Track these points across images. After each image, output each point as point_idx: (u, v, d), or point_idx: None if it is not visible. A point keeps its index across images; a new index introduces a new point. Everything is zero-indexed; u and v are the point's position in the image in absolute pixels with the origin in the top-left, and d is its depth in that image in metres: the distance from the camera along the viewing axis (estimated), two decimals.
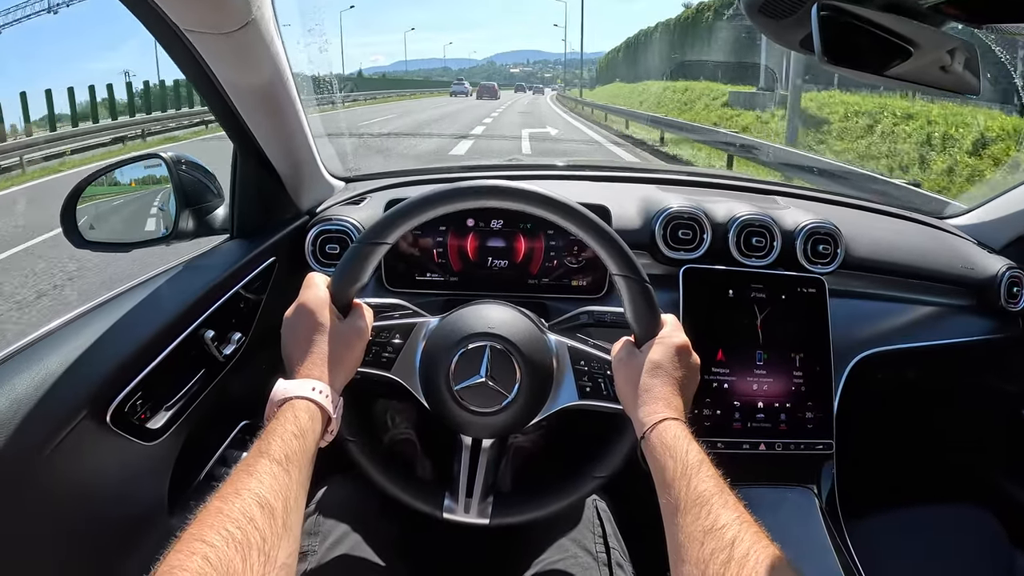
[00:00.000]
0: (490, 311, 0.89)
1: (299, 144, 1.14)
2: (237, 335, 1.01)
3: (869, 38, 0.70)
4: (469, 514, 0.89)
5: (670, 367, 0.78)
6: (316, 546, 0.91)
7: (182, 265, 1.02)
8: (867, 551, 1.12)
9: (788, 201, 1.40)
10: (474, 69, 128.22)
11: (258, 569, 0.52)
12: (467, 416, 0.85)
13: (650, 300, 0.82)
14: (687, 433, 0.71)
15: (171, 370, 0.89)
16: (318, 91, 1.94)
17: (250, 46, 0.87)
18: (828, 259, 1.23)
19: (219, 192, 1.14)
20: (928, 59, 0.71)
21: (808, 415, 1.16)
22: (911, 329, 1.33)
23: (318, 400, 0.72)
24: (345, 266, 0.81)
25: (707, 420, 1.13)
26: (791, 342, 1.17)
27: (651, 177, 1.49)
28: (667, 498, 0.66)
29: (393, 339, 0.88)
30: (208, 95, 0.94)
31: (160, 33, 0.81)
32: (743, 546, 0.56)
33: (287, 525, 0.58)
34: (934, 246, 1.41)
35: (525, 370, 0.84)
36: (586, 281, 1.22)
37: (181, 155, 1.09)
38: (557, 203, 0.82)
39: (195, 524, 0.54)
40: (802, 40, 0.78)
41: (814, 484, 1.16)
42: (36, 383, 0.72)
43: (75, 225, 1.03)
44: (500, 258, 1.21)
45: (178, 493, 0.92)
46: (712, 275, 1.18)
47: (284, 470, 0.62)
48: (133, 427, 0.82)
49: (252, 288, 1.07)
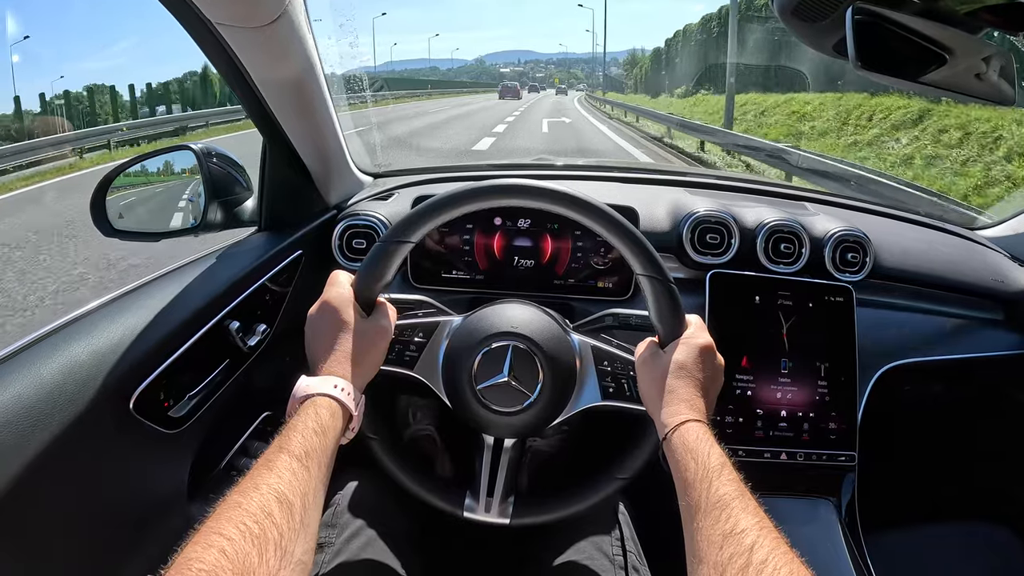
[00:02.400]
0: (513, 310, 0.89)
1: (328, 139, 1.14)
2: (262, 327, 1.02)
3: (904, 44, 0.68)
4: (489, 513, 0.89)
5: (694, 368, 0.77)
6: (334, 538, 0.92)
7: (210, 256, 1.03)
8: (886, 567, 1.10)
9: (817, 207, 1.38)
10: (461, 69, 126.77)
11: (274, 564, 0.52)
12: (489, 415, 0.85)
13: (674, 300, 0.81)
14: (709, 435, 0.70)
15: (196, 360, 0.90)
16: (349, 88, 1.95)
17: (281, 40, 0.87)
18: (856, 267, 1.21)
19: (248, 185, 1.15)
20: (963, 66, 0.70)
21: (831, 426, 1.14)
22: (939, 341, 1.30)
23: (340, 398, 0.72)
24: (370, 264, 0.81)
25: (729, 427, 1.12)
26: (817, 351, 1.15)
27: (679, 180, 1.48)
28: (687, 500, 0.65)
29: (416, 337, 0.88)
30: (239, 89, 0.95)
31: (192, 27, 0.82)
32: (762, 552, 0.55)
33: (304, 522, 0.58)
34: (964, 257, 1.38)
35: (548, 370, 0.84)
36: (612, 283, 1.21)
37: (211, 147, 1.10)
38: (583, 203, 0.81)
39: (213, 517, 0.54)
40: (835, 44, 0.77)
41: (834, 496, 1.15)
42: (62, 369, 0.73)
43: (104, 214, 1.04)
44: (526, 258, 1.21)
45: (198, 482, 0.93)
46: (739, 281, 1.17)
47: (304, 467, 0.63)
48: (156, 415, 0.83)
49: (278, 281, 1.07)
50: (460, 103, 34.88)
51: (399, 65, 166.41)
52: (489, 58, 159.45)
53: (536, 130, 16.98)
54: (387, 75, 47.86)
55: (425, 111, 25.17)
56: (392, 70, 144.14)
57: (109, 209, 1.05)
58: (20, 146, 12.40)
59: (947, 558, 1.36)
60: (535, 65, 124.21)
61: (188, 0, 0.75)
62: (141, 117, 19.72)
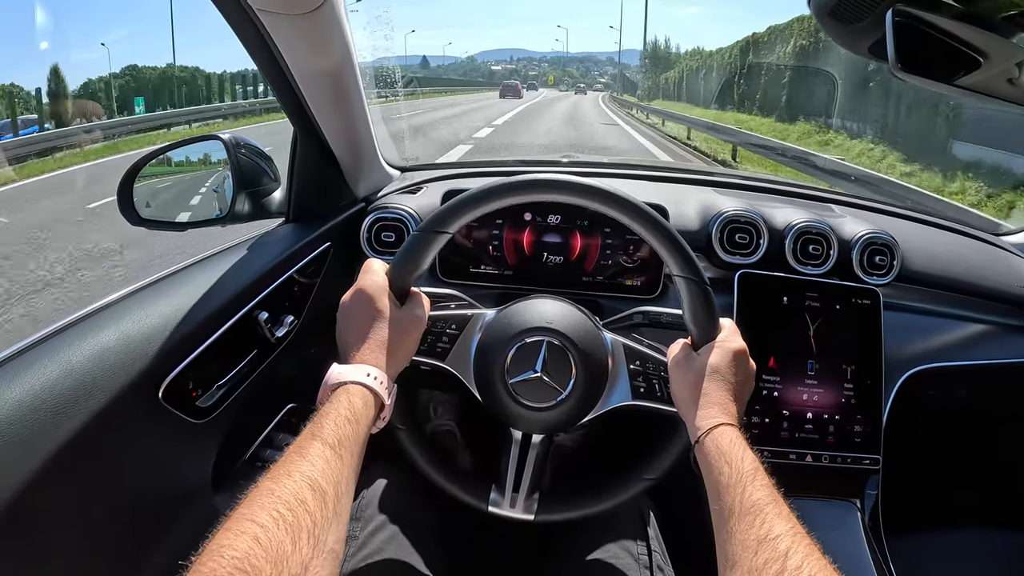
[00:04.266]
0: (548, 306, 0.88)
1: (360, 131, 1.14)
2: (290, 318, 1.02)
3: (940, 47, 0.68)
4: (515, 509, 0.89)
5: (727, 372, 0.77)
6: (358, 531, 0.92)
7: (240, 246, 1.03)
8: (907, 571, 1.09)
9: (844, 210, 1.37)
10: (452, 66, 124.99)
11: (307, 552, 0.51)
12: (519, 410, 0.84)
13: (710, 303, 0.80)
14: (742, 440, 0.70)
15: (224, 350, 0.90)
16: (380, 81, 1.94)
17: (320, 29, 0.87)
18: (884, 270, 1.20)
19: (275, 176, 1.15)
20: (997, 70, 0.70)
21: (856, 428, 1.13)
22: (964, 346, 1.30)
23: (373, 386, 0.72)
24: (405, 253, 0.81)
25: (755, 427, 1.12)
26: (843, 353, 1.15)
27: (707, 179, 1.48)
28: (720, 504, 0.65)
29: (448, 329, 0.88)
30: (274, 78, 0.95)
31: (231, 13, 0.82)
32: (796, 558, 0.55)
33: (337, 510, 0.58)
34: (990, 263, 1.37)
35: (581, 367, 0.84)
36: (640, 281, 1.20)
37: (240, 138, 1.10)
38: (621, 200, 0.80)
39: (245, 503, 0.54)
40: (871, 46, 0.76)
41: (858, 499, 1.14)
42: (92, 356, 0.73)
43: (132, 202, 1.04)
44: (555, 254, 1.20)
45: (223, 472, 0.93)
46: (767, 281, 1.16)
47: (336, 455, 0.62)
48: (184, 404, 0.83)
49: (307, 272, 1.07)
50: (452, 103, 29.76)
51: (388, 61, 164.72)
52: (481, 56, 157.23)
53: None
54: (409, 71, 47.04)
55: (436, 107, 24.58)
56: (383, 65, 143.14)
57: (136, 198, 1.05)
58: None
59: (967, 564, 1.36)
60: (528, 63, 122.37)
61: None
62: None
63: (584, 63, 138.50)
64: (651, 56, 49.91)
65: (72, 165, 11.20)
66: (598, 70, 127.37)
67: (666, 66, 40.27)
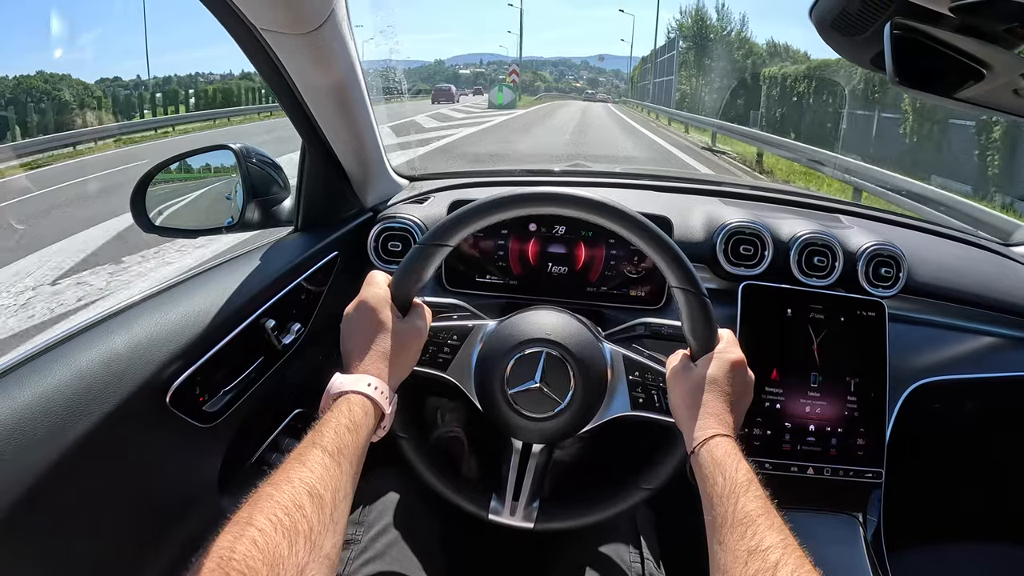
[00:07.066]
0: (547, 317, 0.89)
1: (367, 142, 1.16)
2: (297, 326, 1.03)
3: (941, 59, 0.68)
4: (514, 517, 0.90)
5: (725, 383, 0.78)
6: (360, 535, 0.94)
7: (249, 255, 1.04)
8: None
9: (851, 220, 1.37)
10: (419, 70, 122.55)
11: (303, 556, 0.53)
12: (519, 420, 0.86)
13: (708, 314, 0.81)
14: (737, 451, 0.71)
15: (232, 356, 0.91)
16: (388, 90, 1.96)
17: (325, 45, 0.88)
18: (890, 282, 1.19)
19: (285, 185, 1.16)
20: (1000, 82, 0.69)
21: (859, 441, 1.12)
22: (971, 359, 1.29)
23: (373, 396, 0.73)
24: (407, 265, 0.82)
25: (757, 440, 1.12)
26: (847, 366, 1.14)
27: (713, 189, 1.48)
28: (713, 514, 0.66)
29: (450, 340, 0.89)
30: (280, 92, 0.96)
31: (237, 32, 0.83)
32: (786, 570, 0.56)
33: (334, 517, 0.59)
34: (999, 274, 1.36)
35: (579, 377, 0.85)
36: (645, 292, 1.21)
37: (251, 147, 1.11)
38: (620, 213, 0.82)
39: (245, 508, 0.55)
40: (873, 58, 0.76)
41: (859, 513, 1.13)
42: (101, 360, 0.75)
43: (144, 210, 1.06)
44: (560, 264, 1.21)
45: (229, 476, 0.94)
46: (771, 293, 1.16)
47: (336, 462, 0.64)
48: (191, 409, 0.84)
49: (314, 281, 1.09)
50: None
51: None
52: (451, 61, 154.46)
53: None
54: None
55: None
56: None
57: (148, 206, 1.07)
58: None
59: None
60: (499, 66, 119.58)
61: (235, 7, 0.76)
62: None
63: (558, 67, 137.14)
64: (696, 33, 33.27)
65: None
66: (572, 74, 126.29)
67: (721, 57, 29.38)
